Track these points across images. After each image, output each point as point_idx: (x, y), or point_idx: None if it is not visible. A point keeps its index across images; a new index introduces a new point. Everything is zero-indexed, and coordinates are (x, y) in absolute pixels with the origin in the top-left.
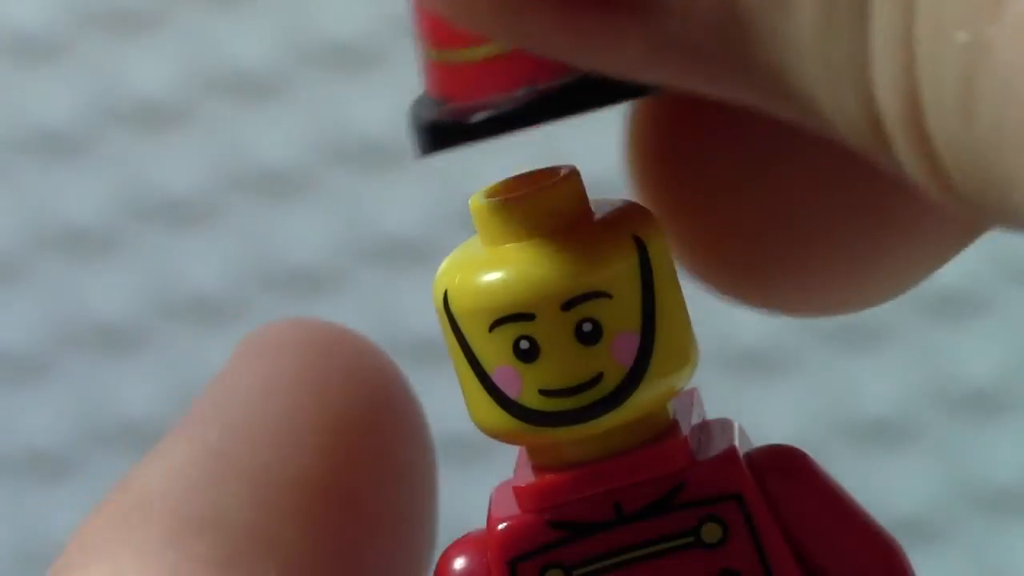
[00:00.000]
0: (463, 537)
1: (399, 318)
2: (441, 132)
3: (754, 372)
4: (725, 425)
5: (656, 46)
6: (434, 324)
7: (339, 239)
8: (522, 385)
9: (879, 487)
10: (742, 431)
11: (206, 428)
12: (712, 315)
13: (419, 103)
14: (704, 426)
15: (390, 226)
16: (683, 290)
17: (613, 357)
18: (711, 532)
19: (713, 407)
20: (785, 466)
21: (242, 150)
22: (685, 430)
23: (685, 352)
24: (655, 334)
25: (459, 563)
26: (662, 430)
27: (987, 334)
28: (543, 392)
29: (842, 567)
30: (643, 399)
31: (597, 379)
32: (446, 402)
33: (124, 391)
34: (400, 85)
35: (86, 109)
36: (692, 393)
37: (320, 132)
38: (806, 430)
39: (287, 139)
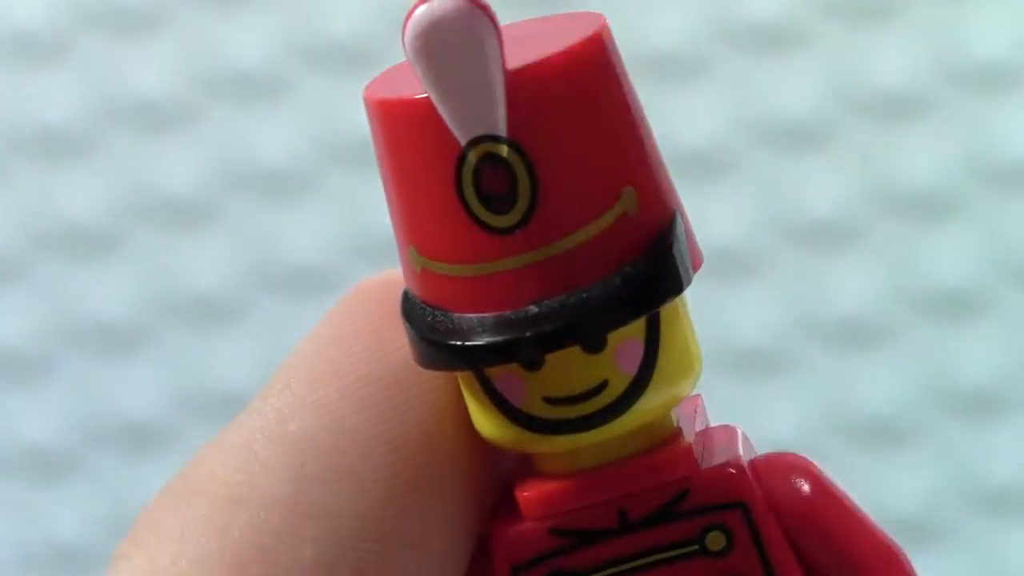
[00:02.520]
0: None
1: None
2: (448, 355)
3: (754, 373)
4: (729, 432)
5: None
6: None
7: (340, 239)
8: (526, 393)
9: (879, 487)
10: (746, 438)
11: (267, 401)
12: (713, 317)
13: (413, 306)
14: (708, 433)
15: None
16: (685, 296)
17: (617, 365)
18: (715, 540)
19: (713, 408)
20: (790, 474)
21: (242, 150)
22: (689, 437)
23: (689, 360)
24: (659, 342)
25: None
26: (666, 437)
27: (988, 334)
28: (547, 400)
29: None
30: (647, 407)
31: (602, 387)
32: None
33: (124, 391)
34: None
35: (86, 109)
36: (696, 400)
37: (321, 132)
38: (806, 430)
39: (287, 139)
